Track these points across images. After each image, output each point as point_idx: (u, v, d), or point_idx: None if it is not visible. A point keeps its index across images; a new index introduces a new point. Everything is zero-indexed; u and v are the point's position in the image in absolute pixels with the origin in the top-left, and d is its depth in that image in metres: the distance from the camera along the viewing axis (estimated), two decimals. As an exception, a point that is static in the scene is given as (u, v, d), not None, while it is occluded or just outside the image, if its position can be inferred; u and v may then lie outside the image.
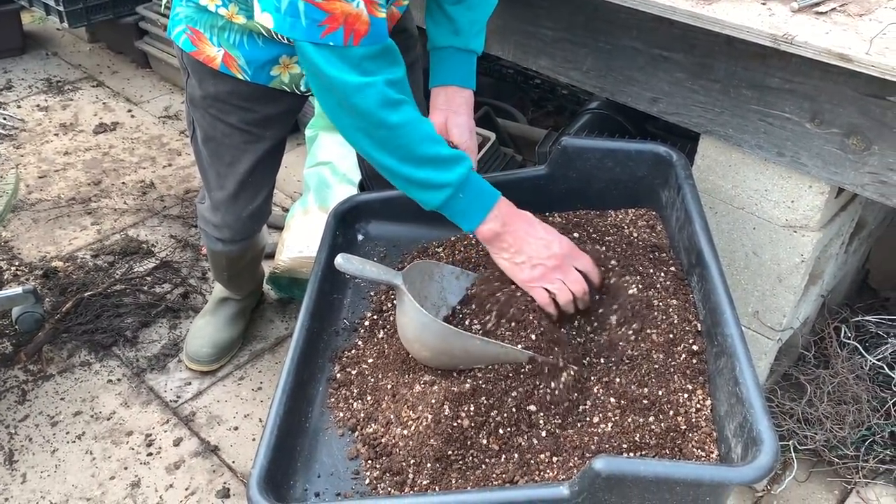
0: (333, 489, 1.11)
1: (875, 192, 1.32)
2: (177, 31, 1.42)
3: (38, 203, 2.59)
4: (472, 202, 1.16)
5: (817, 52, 1.22)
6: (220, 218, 1.68)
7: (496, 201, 1.17)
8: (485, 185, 1.18)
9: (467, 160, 1.16)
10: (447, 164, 1.14)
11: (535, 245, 1.17)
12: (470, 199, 1.16)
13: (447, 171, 1.14)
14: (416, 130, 1.12)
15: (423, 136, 1.12)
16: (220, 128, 1.51)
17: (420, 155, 1.13)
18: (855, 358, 1.76)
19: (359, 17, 1.04)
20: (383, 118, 1.10)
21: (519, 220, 1.19)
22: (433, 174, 1.14)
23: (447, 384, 1.17)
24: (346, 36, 1.05)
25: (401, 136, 1.12)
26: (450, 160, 1.14)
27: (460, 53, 1.33)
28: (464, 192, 1.15)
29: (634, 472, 0.89)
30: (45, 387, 1.95)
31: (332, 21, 1.03)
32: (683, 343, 1.18)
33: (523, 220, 1.19)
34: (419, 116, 1.13)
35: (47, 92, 3.26)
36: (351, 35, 1.05)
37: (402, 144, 1.13)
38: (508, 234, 1.18)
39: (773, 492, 1.70)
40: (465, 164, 1.15)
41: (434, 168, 1.14)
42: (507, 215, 1.18)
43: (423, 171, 1.14)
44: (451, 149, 1.16)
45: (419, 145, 1.12)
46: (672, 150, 1.37)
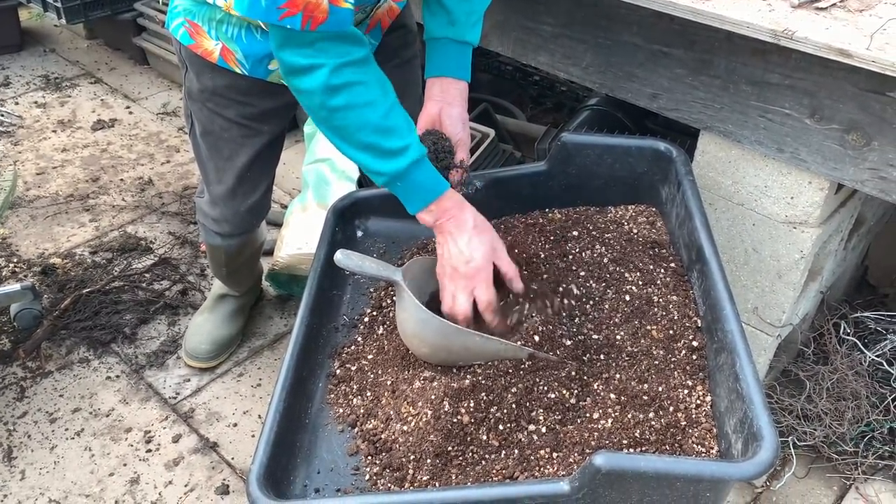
0: (333, 485, 1.11)
1: (875, 188, 1.32)
2: (175, 24, 1.42)
3: (37, 200, 2.59)
4: (410, 193, 1.21)
5: (817, 47, 1.21)
6: (219, 212, 1.68)
7: (435, 198, 1.21)
8: (426, 179, 1.21)
9: (410, 154, 1.17)
10: (385, 155, 1.17)
11: (451, 250, 1.21)
12: (408, 189, 1.21)
13: (383, 161, 1.17)
14: (357, 117, 1.14)
15: (364, 124, 1.15)
16: (218, 122, 1.51)
17: (358, 141, 1.16)
18: (854, 354, 1.76)
19: (318, 6, 1.06)
20: (323, 101, 1.13)
21: (452, 221, 1.21)
22: (369, 161, 1.18)
23: (447, 380, 1.17)
24: (303, 21, 1.07)
25: (340, 120, 1.15)
26: (389, 152, 1.16)
27: (456, 45, 1.33)
28: (402, 182, 1.19)
29: (635, 468, 0.89)
30: (44, 384, 1.95)
31: (291, 6, 1.05)
32: (683, 339, 1.18)
33: (455, 222, 1.21)
34: (369, 101, 1.14)
35: (45, 89, 3.25)
36: (308, 21, 1.07)
37: (341, 127, 1.16)
38: (438, 229, 1.23)
39: (772, 488, 1.70)
40: (405, 159, 1.17)
41: (371, 156, 1.17)
42: (442, 212, 1.21)
43: (362, 156, 1.18)
44: (400, 139, 1.17)
45: (357, 132, 1.15)
46: (672, 147, 1.37)
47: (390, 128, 1.17)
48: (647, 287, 1.26)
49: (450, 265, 1.22)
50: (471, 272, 1.20)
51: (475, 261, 1.20)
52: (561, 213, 1.45)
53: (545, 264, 1.32)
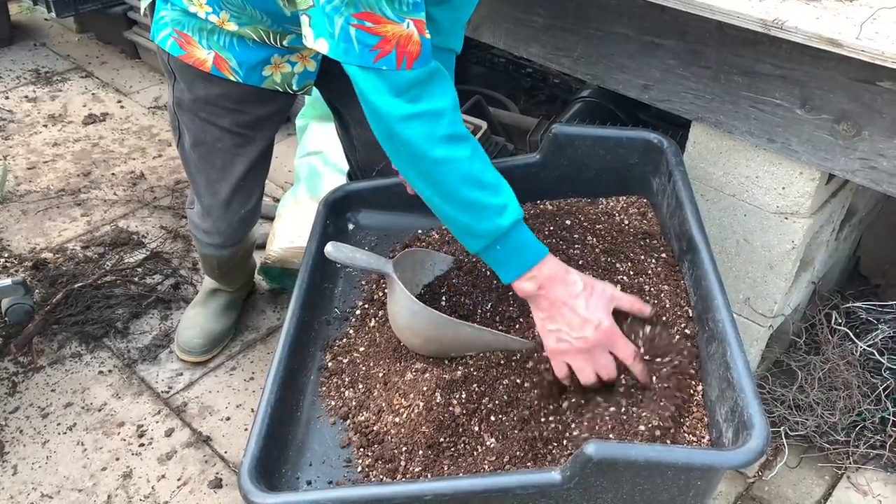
0: (325, 477, 1.11)
1: (865, 177, 1.32)
2: (162, 35, 1.38)
3: (28, 195, 2.58)
4: (509, 257, 1.09)
5: (807, 37, 1.21)
6: (212, 224, 1.66)
7: (537, 261, 1.09)
8: (528, 241, 1.10)
9: (512, 212, 1.08)
10: (488, 211, 1.07)
11: (570, 320, 1.09)
12: (507, 253, 1.09)
13: (486, 219, 1.07)
14: (460, 169, 1.05)
15: (468, 178, 1.05)
16: (211, 132, 1.49)
17: (460, 196, 1.06)
18: (846, 344, 1.77)
19: (410, 37, 1.00)
20: (426, 151, 1.04)
21: (559, 286, 1.09)
22: (471, 220, 1.08)
23: (439, 372, 1.17)
24: (398, 59, 1.01)
25: (442, 173, 1.06)
26: (491, 209, 1.07)
27: (440, 52, 1.32)
28: (502, 245, 1.08)
29: (626, 457, 0.89)
30: (36, 378, 1.94)
31: (384, 44, 0.99)
32: (675, 328, 1.18)
33: (564, 288, 1.09)
34: (469, 154, 1.06)
35: (35, 83, 3.23)
36: (404, 58, 1.01)
37: (443, 181, 1.06)
38: (543, 299, 1.10)
39: (764, 477, 1.71)
40: (508, 217, 1.07)
41: (473, 214, 1.07)
42: (547, 278, 1.09)
43: (462, 214, 1.08)
44: (500, 196, 1.07)
45: (460, 186, 1.05)
46: (663, 138, 1.37)
47: (491, 183, 1.07)
48: (639, 277, 1.26)
49: (574, 337, 1.08)
50: (604, 335, 1.09)
51: (604, 322, 1.09)
52: (553, 204, 1.45)
53: None
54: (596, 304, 1.10)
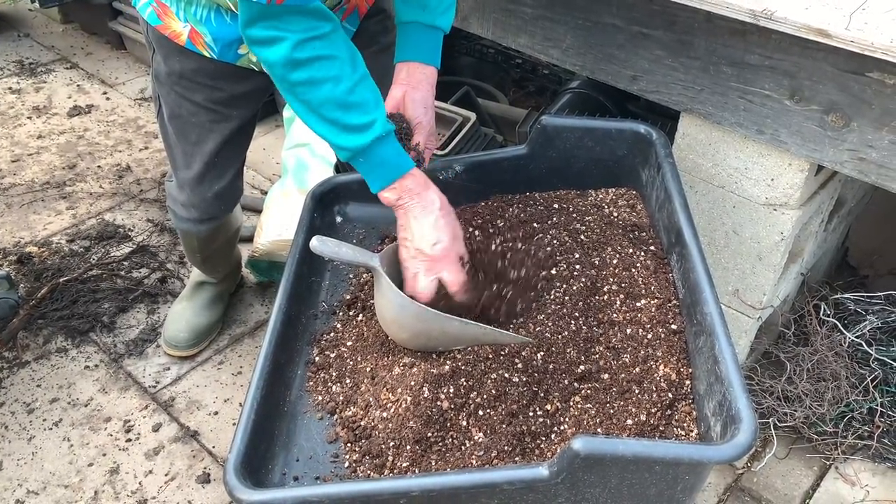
0: (312, 473, 1.10)
1: (854, 169, 1.32)
2: (142, 3, 1.38)
3: (12, 188, 2.55)
4: (372, 169, 1.19)
5: (796, 27, 1.21)
6: (186, 197, 1.66)
7: (398, 176, 1.18)
8: (391, 157, 1.18)
9: (374, 130, 1.15)
10: (348, 130, 1.15)
11: (415, 231, 1.18)
12: (371, 166, 1.18)
13: (345, 137, 1.15)
14: (320, 92, 1.12)
15: (327, 99, 1.13)
16: (185, 106, 1.48)
17: (320, 115, 1.14)
18: (834, 335, 1.77)
19: None
20: (285, 74, 1.11)
21: (416, 200, 1.18)
22: (331, 136, 1.16)
23: (426, 366, 1.16)
24: None
25: (302, 94, 1.13)
26: (352, 128, 1.14)
27: (426, 30, 1.31)
28: (364, 158, 1.17)
29: (613, 452, 0.88)
30: (21, 374, 1.92)
31: None
32: (663, 322, 1.17)
33: (420, 202, 1.18)
34: (333, 76, 1.12)
35: (19, 74, 3.19)
36: None
37: (306, 101, 1.14)
38: (400, 209, 1.19)
39: (753, 469, 1.71)
40: (369, 135, 1.15)
41: (333, 131, 1.15)
42: (405, 190, 1.18)
43: (326, 130, 1.16)
44: (364, 115, 1.15)
45: (320, 107, 1.14)
46: (652, 129, 1.36)
47: (355, 103, 1.15)
48: (627, 270, 1.25)
49: (414, 247, 1.19)
50: (438, 255, 1.18)
51: (442, 242, 1.18)
52: (542, 196, 1.44)
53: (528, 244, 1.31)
54: (443, 226, 1.18)
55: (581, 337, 1.18)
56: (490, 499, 0.95)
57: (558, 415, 1.10)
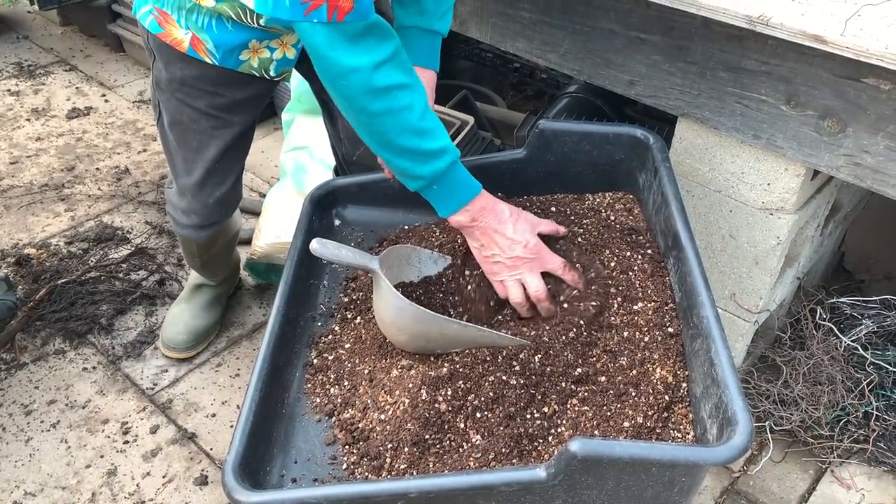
0: (310, 475, 1.11)
1: (850, 173, 1.33)
2: (143, 12, 1.39)
3: (10, 189, 2.55)
4: (446, 195, 1.20)
5: (792, 33, 1.22)
6: (187, 203, 1.66)
7: (472, 197, 1.20)
8: (463, 179, 1.20)
9: (448, 155, 1.16)
10: (425, 157, 1.15)
11: (501, 243, 1.22)
12: (444, 191, 1.19)
13: (423, 164, 1.15)
14: (397, 121, 1.12)
15: (405, 128, 1.12)
16: (187, 112, 1.49)
17: (398, 145, 1.14)
18: (830, 339, 1.78)
19: None
20: (364, 105, 1.11)
21: (490, 216, 1.21)
22: (409, 165, 1.16)
23: (424, 368, 1.17)
24: (329, 12, 1.04)
25: (380, 125, 1.13)
26: (429, 154, 1.15)
27: (425, 34, 1.32)
28: (438, 185, 1.18)
29: (610, 454, 0.89)
30: (19, 375, 1.93)
31: None
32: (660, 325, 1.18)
33: (495, 217, 1.21)
34: (408, 104, 1.12)
35: (18, 76, 3.19)
36: (335, 11, 1.04)
37: (381, 132, 1.14)
38: (477, 229, 1.22)
39: (749, 472, 1.72)
40: (445, 160, 1.16)
41: (411, 159, 1.15)
42: (479, 211, 1.21)
43: (400, 160, 1.16)
44: (437, 141, 1.15)
45: (398, 136, 1.13)
46: (649, 133, 1.37)
47: (429, 129, 1.15)
48: (624, 273, 1.26)
49: (506, 257, 1.21)
50: (532, 252, 1.22)
51: (531, 242, 1.22)
52: (539, 199, 1.45)
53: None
54: (523, 227, 1.23)
55: (578, 340, 1.19)
56: (487, 500, 0.96)
57: (555, 417, 1.10)
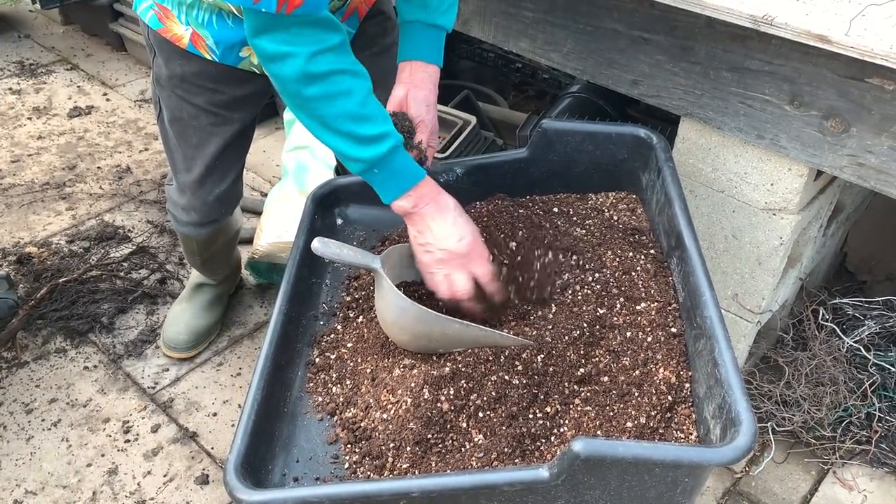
0: (312, 474, 1.10)
1: (853, 174, 1.33)
2: (143, 7, 1.39)
3: (12, 188, 2.55)
4: (386, 179, 1.19)
5: (797, 33, 1.21)
6: (187, 201, 1.66)
7: (413, 184, 1.19)
8: (405, 166, 1.19)
9: (388, 140, 1.16)
10: (363, 141, 1.15)
11: (436, 233, 1.20)
12: (384, 176, 1.18)
13: (361, 148, 1.15)
14: (333, 106, 1.12)
15: (341, 113, 1.13)
16: (186, 109, 1.48)
17: (334, 129, 1.14)
18: (832, 340, 1.77)
19: None
20: (299, 90, 1.11)
21: (432, 204, 1.20)
22: (347, 148, 1.16)
23: (427, 368, 1.16)
24: (278, 5, 1.04)
25: (314, 109, 1.13)
26: (367, 139, 1.14)
27: (428, 29, 1.32)
28: (379, 169, 1.17)
29: (613, 454, 0.88)
30: (20, 374, 1.92)
31: None
32: (663, 325, 1.18)
33: (436, 205, 1.20)
34: (347, 89, 1.12)
35: (20, 75, 3.19)
36: (284, 4, 1.05)
37: (317, 115, 1.14)
38: (416, 216, 1.20)
39: (751, 473, 1.72)
40: (384, 145, 1.15)
41: (348, 143, 1.15)
42: (421, 197, 1.19)
43: (340, 143, 1.16)
44: (377, 127, 1.15)
45: (334, 120, 1.13)
46: (652, 133, 1.37)
47: (368, 115, 1.15)
48: (627, 273, 1.26)
49: (438, 248, 1.19)
50: (465, 249, 1.19)
51: (467, 237, 1.20)
52: (542, 199, 1.45)
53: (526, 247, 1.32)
54: (463, 222, 1.21)
55: (581, 340, 1.19)
56: (490, 500, 0.96)
57: (558, 417, 1.10)
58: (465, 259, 1.20)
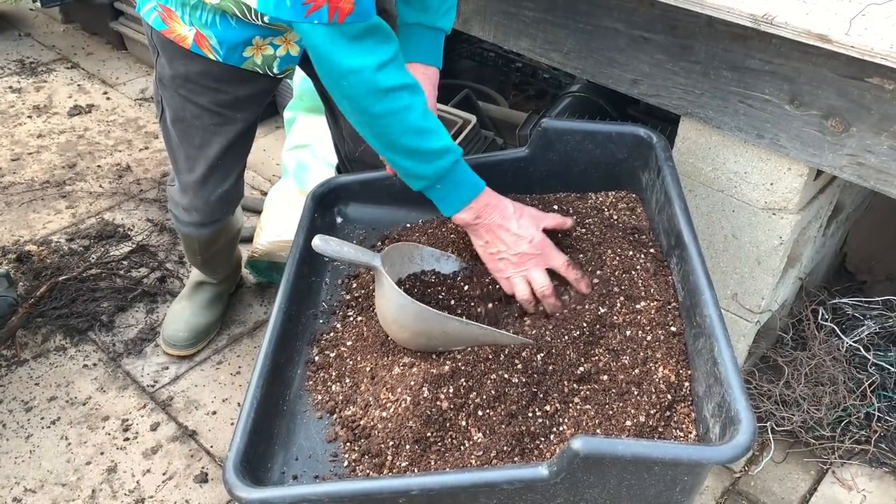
0: (311, 472, 1.10)
1: (853, 173, 1.33)
2: (147, 8, 1.39)
3: (11, 186, 2.55)
4: (449, 193, 1.20)
5: (797, 32, 1.21)
6: (189, 201, 1.66)
7: (475, 195, 1.20)
8: (467, 177, 1.20)
9: (451, 154, 1.17)
10: (428, 156, 1.15)
11: (506, 239, 1.21)
12: (448, 190, 1.19)
13: (427, 164, 1.16)
14: (400, 122, 1.12)
15: (407, 128, 1.13)
16: (189, 109, 1.49)
17: (401, 146, 1.15)
18: (832, 340, 1.77)
19: None
20: (366, 107, 1.11)
21: (494, 213, 1.21)
22: (412, 165, 1.17)
23: (426, 366, 1.16)
24: (330, 13, 1.04)
25: (383, 126, 1.13)
26: (431, 153, 1.15)
27: (428, 31, 1.32)
28: (442, 183, 1.18)
29: (613, 452, 0.89)
30: (20, 372, 1.92)
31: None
32: (663, 324, 1.18)
33: (499, 213, 1.21)
34: (409, 104, 1.12)
35: (20, 73, 3.19)
36: (336, 12, 1.04)
37: (384, 133, 1.14)
38: (481, 227, 1.22)
39: (750, 472, 1.72)
40: (448, 159, 1.17)
41: (414, 159, 1.16)
42: (483, 208, 1.21)
43: (403, 160, 1.17)
44: (440, 140, 1.16)
45: (401, 137, 1.14)
46: (652, 133, 1.37)
47: (430, 128, 1.15)
48: (627, 272, 1.26)
49: (512, 254, 1.21)
50: (537, 248, 1.21)
51: (536, 237, 1.21)
52: (541, 199, 1.45)
53: None
54: (527, 223, 1.22)
55: (581, 339, 1.19)
56: (489, 499, 0.96)
57: (557, 416, 1.10)
58: (540, 257, 1.22)
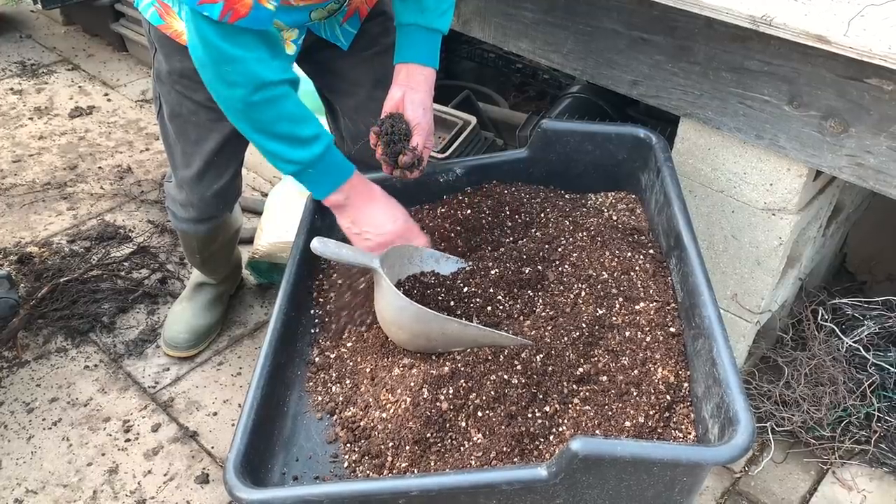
0: (312, 472, 1.11)
1: (852, 174, 1.33)
2: (144, 3, 1.39)
3: (13, 188, 2.55)
4: (321, 178, 1.25)
5: (795, 33, 1.22)
6: (185, 197, 1.66)
7: (345, 179, 1.26)
8: (337, 163, 1.25)
9: (323, 139, 1.21)
10: (301, 142, 1.19)
11: (371, 219, 1.27)
12: (319, 174, 1.25)
13: (299, 149, 1.20)
14: (275, 109, 1.16)
15: (282, 115, 1.17)
16: (186, 105, 1.49)
17: (275, 131, 1.19)
18: (832, 340, 1.77)
19: None
20: (245, 94, 1.14)
21: (362, 195, 1.27)
22: (284, 150, 1.20)
23: (426, 367, 1.17)
24: (223, 12, 1.06)
25: (259, 112, 1.17)
26: (305, 140, 1.19)
27: (424, 32, 1.33)
28: (314, 168, 1.23)
29: (612, 453, 0.89)
30: (21, 373, 1.93)
31: None
32: (662, 325, 1.18)
33: (366, 196, 1.28)
34: (286, 93, 1.17)
35: (21, 75, 3.20)
36: (228, 13, 1.07)
37: (259, 119, 1.17)
38: (350, 207, 1.28)
39: (750, 472, 1.72)
40: (320, 144, 1.21)
41: (287, 145, 1.20)
42: (351, 190, 1.26)
43: (275, 145, 1.20)
44: (312, 127, 1.20)
45: (275, 123, 1.18)
46: (651, 133, 1.37)
47: (303, 115, 1.19)
48: (626, 273, 1.26)
49: (377, 233, 1.26)
50: (402, 227, 1.28)
51: (400, 217, 1.28)
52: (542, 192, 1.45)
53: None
54: (393, 205, 1.29)
55: (580, 340, 1.19)
56: (489, 499, 0.96)
57: (557, 416, 1.10)
58: (403, 239, 1.28)
